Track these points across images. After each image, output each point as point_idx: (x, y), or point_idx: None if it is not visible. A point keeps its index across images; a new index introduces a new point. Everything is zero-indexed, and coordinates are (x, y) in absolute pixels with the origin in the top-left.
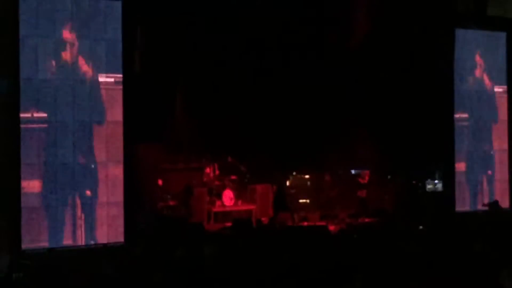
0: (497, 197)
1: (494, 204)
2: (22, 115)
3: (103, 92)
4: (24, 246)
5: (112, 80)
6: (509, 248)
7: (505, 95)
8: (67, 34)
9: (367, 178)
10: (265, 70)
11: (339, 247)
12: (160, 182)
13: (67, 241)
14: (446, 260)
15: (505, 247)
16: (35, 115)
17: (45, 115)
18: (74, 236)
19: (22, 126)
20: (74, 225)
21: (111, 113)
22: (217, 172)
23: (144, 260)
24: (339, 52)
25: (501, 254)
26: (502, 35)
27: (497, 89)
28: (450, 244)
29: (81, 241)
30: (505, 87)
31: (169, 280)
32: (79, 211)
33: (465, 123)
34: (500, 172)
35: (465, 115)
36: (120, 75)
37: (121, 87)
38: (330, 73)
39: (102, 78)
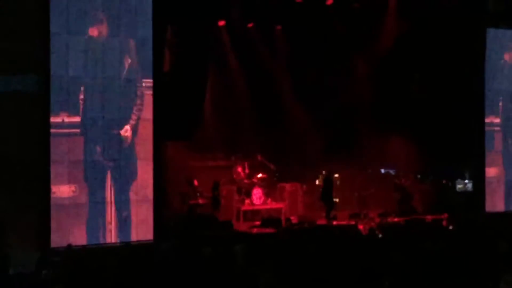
0: None
1: None
2: (52, 113)
3: (133, 90)
4: (53, 243)
5: (143, 78)
6: None
7: None
8: (97, 32)
9: (399, 177)
10: (295, 68)
11: (368, 247)
12: (194, 181)
13: (97, 239)
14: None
15: None
16: (65, 112)
17: (75, 112)
18: (104, 234)
19: (52, 123)
20: (104, 223)
21: (141, 110)
22: (246, 170)
23: (173, 258)
24: (373, 51)
25: None
26: None
27: None
28: (478, 244)
29: (112, 239)
30: None
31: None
32: (109, 209)
33: (496, 122)
34: None
35: (496, 115)
36: (151, 73)
37: (151, 85)
38: (364, 72)
39: (132, 76)
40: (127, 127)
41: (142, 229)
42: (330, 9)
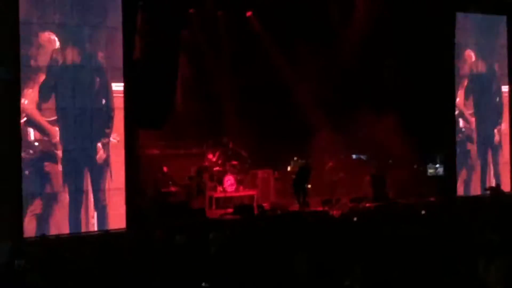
0: (502, 180)
1: (495, 188)
2: (23, 102)
3: (103, 78)
4: (26, 233)
5: (113, 66)
6: (509, 233)
7: (506, 78)
8: (67, 20)
9: (370, 163)
10: (267, 56)
11: (340, 233)
12: (163, 168)
13: (74, 228)
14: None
15: (505, 231)
16: (37, 102)
17: (46, 103)
18: (81, 224)
19: (23, 113)
20: (76, 212)
21: (111, 99)
22: (217, 158)
23: (146, 246)
24: (344, 36)
25: (502, 238)
26: (503, 19)
27: (498, 69)
28: (450, 229)
29: (88, 227)
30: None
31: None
32: (81, 198)
33: (469, 108)
34: (502, 155)
35: (468, 100)
36: (121, 61)
37: (121, 73)
38: (335, 58)
39: (102, 65)
40: (98, 114)
41: (115, 217)
42: None
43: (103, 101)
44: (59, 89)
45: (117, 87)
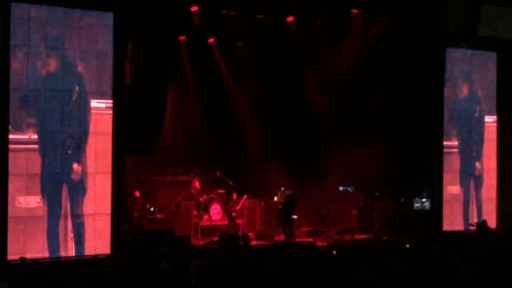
0: (485, 216)
1: (482, 224)
2: (10, 124)
3: (92, 103)
4: (9, 256)
5: (102, 91)
6: (494, 269)
7: (495, 116)
8: (57, 44)
9: (357, 195)
10: (255, 84)
11: (325, 265)
12: (136, 194)
13: (54, 252)
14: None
15: (490, 268)
16: (24, 125)
17: (33, 124)
18: (61, 247)
19: (10, 136)
20: (61, 236)
21: (100, 124)
22: (205, 186)
23: (131, 272)
24: (334, 69)
25: (485, 274)
26: (493, 55)
27: (484, 103)
28: (435, 263)
29: (69, 252)
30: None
31: None
32: (66, 223)
33: (455, 142)
34: (487, 191)
35: (454, 134)
36: (110, 87)
37: (110, 98)
38: (324, 90)
39: (91, 89)
40: (86, 140)
41: (100, 242)
42: (291, 26)
43: (90, 126)
44: (47, 113)
45: (106, 112)
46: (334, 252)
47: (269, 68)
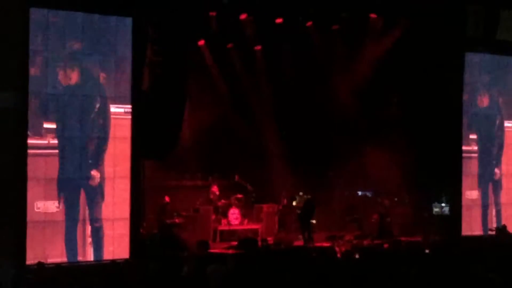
0: (504, 221)
1: (501, 229)
2: (30, 129)
3: (111, 107)
4: (28, 261)
5: (121, 96)
6: None
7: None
8: (76, 50)
9: (378, 200)
10: (274, 89)
11: (343, 270)
12: (165, 198)
13: (73, 257)
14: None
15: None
16: (43, 130)
17: (53, 129)
18: (80, 252)
19: (29, 141)
20: (79, 241)
21: (119, 129)
22: (223, 190)
23: (150, 277)
24: (352, 74)
25: (505, 279)
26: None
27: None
28: (454, 269)
29: (87, 256)
30: None
31: None
32: (85, 227)
33: (474, 147)
34: (506, 196)
35: (473, 139)
36: (129, 92)
37: (129, 103)
38: (342, 95)
39: (110, 94)
40: (105, 144)
41: (119, 247)
42: (310, 31)
43: (109, 130)
44: (66, 118)
45: (124, 117)
46: (357, 256)
47: (288, 72)
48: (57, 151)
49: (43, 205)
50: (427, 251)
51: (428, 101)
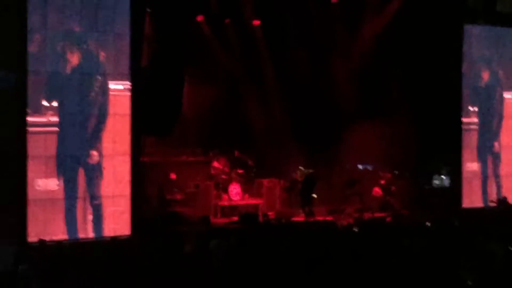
0: (504, 193)
1: (502, 201)
2: (29, 108)
3: (110, 85)
4: (29, 238)
5: (120, 73)
6: None
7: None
8: (75, 27)
9: (378, 173)
10: (274, 64)
11: (345, 243)
12: (171, 175)
13: (74, 234)
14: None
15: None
16: (43, 108)
17: (52, 107)
18: (81, 229)
19: (29, 118)
20: (80, 218)
21: (118, 106)
22: (224, 165)
23: (151, 253)
24: (352, 47)
25: (506, 251)
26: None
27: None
28: (456, 241)
29: (88, 234)
30: None
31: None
32: (85, 205)
33: (474, 119)
34: (507, 168)
35: (473, 111)
36: (128, 68)
37: (128, 79)
38: (342, 68)
39: (109, 71)
40: (105, 121)
41: (119, 224)
42: (309, 4)
43: (109, 107)
44: (66, 96)
45: (124, 93)
46: (355, 230)
47: (288, 47)
48: (56, 128)
49: (44, 183)
50: (428, 223)
51: (428, 74)
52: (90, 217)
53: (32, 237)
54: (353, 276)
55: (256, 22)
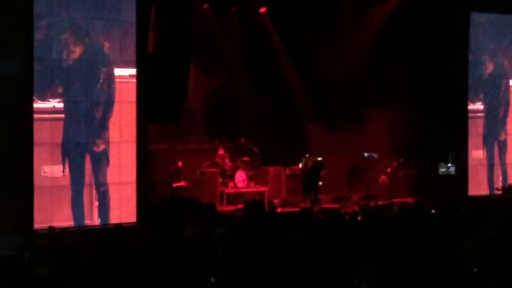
0: (510, 181)
1: (508, 188)
2: (35, 94)
3: (116, 72)
4: (35, 225)
5: (126, 60)
6: None
7: None
8: (80, 14)
9: (384, 161)
10: (281, 52)
11: (351, 231)
12: (178, 163)
13: (80, 221)
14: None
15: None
16: (48, 94)
17: (58, 94)
18: (87, 216)
19: (35, 105)
20: (86, 205)
21: (124, 93)
22: (229, 153)
23: (156, 240)
24: (358, 34)
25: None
26: None
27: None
28: (461, 229)
29: (94, 221)
30: None
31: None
32: (92, 192)
33: (479, 107)
34: (510, 155)
35: (479, 99)
36: (134, 56)
37: (134, 67)
38: (348, 56)
39: (115, 58)
40: (111, 108)
41: (125, 211)
42: None
43: (115, 95)
44: (71, 83)
45: (130, 81)
46: (359, 219)
47: (294, 34)
48: (62, 115)
49: (50, 170)
50: (433, 211)
51: (434, 62)
52: (96, 204)
53: (38, 224)
54: (358, 264)
55: (263, 9)
